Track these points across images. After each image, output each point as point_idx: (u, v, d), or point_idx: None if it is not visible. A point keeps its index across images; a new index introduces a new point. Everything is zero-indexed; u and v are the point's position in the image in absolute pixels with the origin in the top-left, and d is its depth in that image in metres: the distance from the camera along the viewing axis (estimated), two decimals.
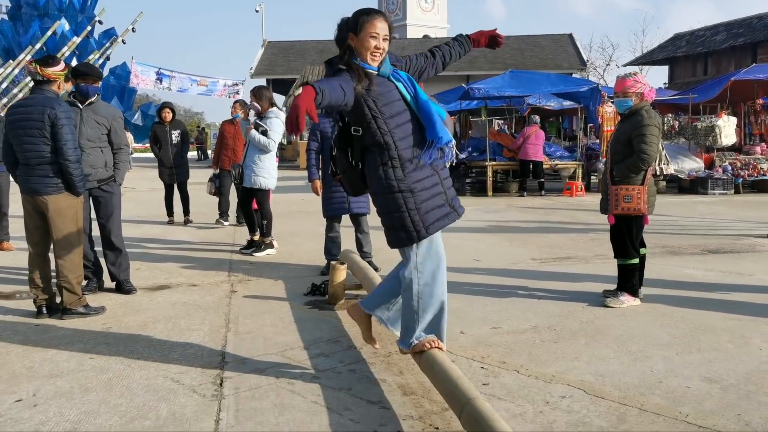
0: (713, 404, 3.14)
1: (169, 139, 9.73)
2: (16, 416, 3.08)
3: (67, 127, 4.65)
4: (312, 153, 6.23)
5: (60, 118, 4.61)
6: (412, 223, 3.15)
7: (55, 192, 4.69)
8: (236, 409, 3.14)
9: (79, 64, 5.68)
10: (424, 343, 3.22)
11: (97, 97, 5.41)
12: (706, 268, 6.29)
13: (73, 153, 4.67)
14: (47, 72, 4.67)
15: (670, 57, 32.93)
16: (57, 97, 4.76)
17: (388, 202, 3.18)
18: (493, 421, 2.40)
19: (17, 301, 5.29)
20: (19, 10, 32.55)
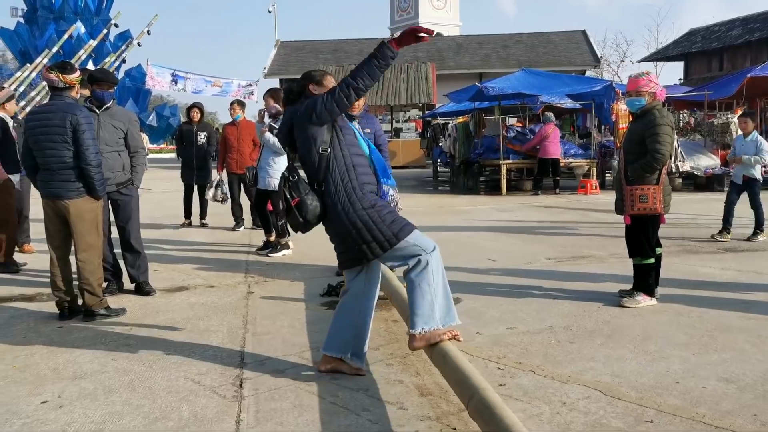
0: (730, 404, 3.15)
1: (194, 140, 9.58)
2: (42, 417, 3.16)
3: (88, 132, 4.73)
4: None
5: (81, 124, 4.69)
6: (381, 232, 3.39)
7: (77, 196, 4.77)
8: (256, 410, 3.19)
9: (95, 70, 5.77)
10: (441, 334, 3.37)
11: (113, 102, 5.49)
12: (722, 267, 6.28)
13: (94, 157, 4.75)
14: (69, 79, 4.76)
15: (685, 53, 32.69)
16: (76, 103, 4.85)
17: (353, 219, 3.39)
18: (501, 411, 2.44)
19: (40, 303, 5.39)
20: (34, 13, 32.88)
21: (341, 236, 3.47)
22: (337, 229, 3.46)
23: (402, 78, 26.83)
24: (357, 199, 3.42)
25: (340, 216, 3.41)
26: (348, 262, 3.54)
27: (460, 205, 12.42)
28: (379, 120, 27.10)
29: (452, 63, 34.36)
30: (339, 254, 3.58)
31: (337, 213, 3.42)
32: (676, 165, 14.09)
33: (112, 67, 27.40)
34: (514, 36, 37.16)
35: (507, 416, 2.42)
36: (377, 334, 4.38)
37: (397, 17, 61.38)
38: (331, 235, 3.58)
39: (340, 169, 3.45)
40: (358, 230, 3.39)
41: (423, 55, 34.55)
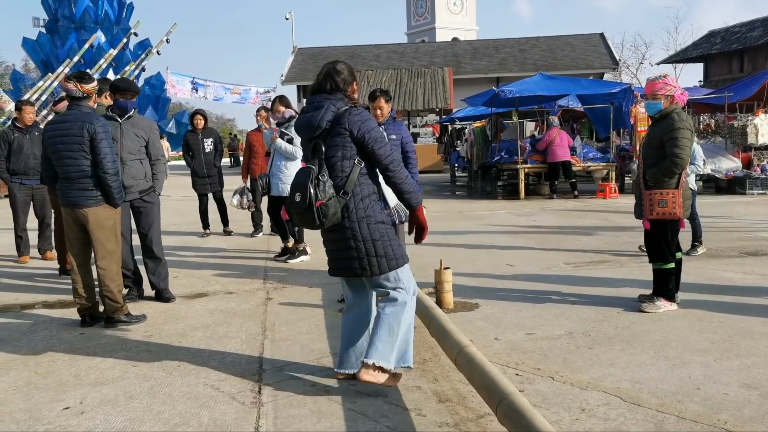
0: (752, 411, 3.11)
1: (201, 148, 9.35)
2: (64, 423, 3.20)
3: (105, 141, 4.78)
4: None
5: (99, 133, 4.75)
6: (392, 250, 3.43)
7: (95, 204, 4.83)
8: (275, 417, 3.20)
9: (118, 80, 5.84)
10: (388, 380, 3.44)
11: (134, 111, 5.57)
12: (744, 271, 6.20)
13: (112, 166, 4.80)
14: (87, 88, 4.83)
15: (705, 54, 32.33)
16: (93, 112, 4.91)
17: (372, 230, 3.40)
18: (531, 415, 2.44)
19: (62, 309, 5.45)
20: (56, 23, 33.35)
21: (351, 246, 3.42)
22: (352, 238, 3.41)
23: (419, 83, 26.85)
24: (378, 212, 3.45)
25: (360, 225, 3.39)
26: (345, 271, 3.51)
27: (478, 209, 12.39)
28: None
29: (469, 67, 34.32)
30: (337, 261, 3.53)
31: (358, 222, 3.40)
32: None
33: (132, 76, 27.73)
34: (531, 39, 37.03)
35: (538, 420, 2.42)
36: None
37: (414, 22, 61.41)
38: (335, 242, 3.50)
39: (370, 181, 3.46)
40: (373, 242, 3.38)
41: (440, 60, 34.57)
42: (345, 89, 3.51)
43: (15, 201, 7.82)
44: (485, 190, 15.58)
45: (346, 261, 3.46)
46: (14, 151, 7.68)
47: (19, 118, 7.84)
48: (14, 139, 7.69)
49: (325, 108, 3.43)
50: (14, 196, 7.82)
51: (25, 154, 7.69)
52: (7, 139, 7.70)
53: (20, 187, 7.78)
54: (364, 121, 3.40)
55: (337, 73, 3.51)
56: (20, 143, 7.70)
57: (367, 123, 3.41)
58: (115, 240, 4.94)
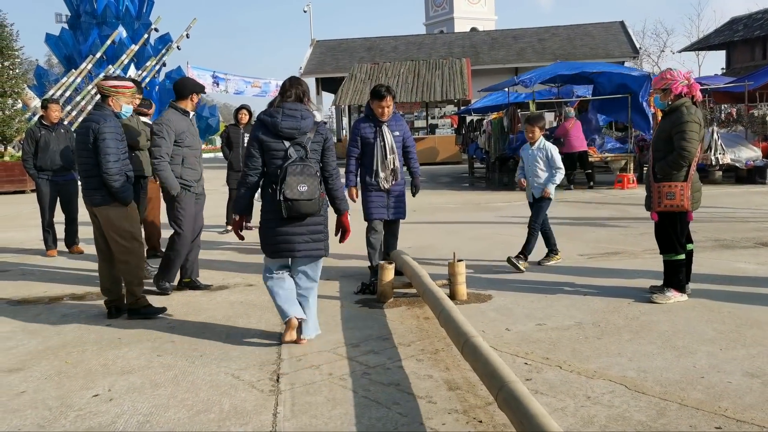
0: (753, 398, 3.21)
1: (241, 142, 9.18)
2: (94, 410, 3.38)
3: (108, 141, 4.86)
4: (353, 159, 6.05)
5: (102, 133, 4.86)
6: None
7: (101, 203, 4.98)
8: (292, 404, 3.36)
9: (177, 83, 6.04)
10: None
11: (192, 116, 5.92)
12: (758, 262, 6.24)
13: (112, 166, 4.86)
14: (102, 84, 5.03)
15: (727, 42, 31.97)
16: (107, 112, 5.01)
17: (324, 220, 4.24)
18: (528, 402, 2.56)
19: (90, 302, 5.67)
20: (78, 19, 33.76)
21: (321, 230, 4.22)
22: (322, 224, 4.22)
23: (437, 74, 26.89)
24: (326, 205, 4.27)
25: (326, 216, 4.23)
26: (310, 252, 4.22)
27: (495, 201, 12.46)
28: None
29: (487, 58, 34.24)
30: (301, 244, 4.17)
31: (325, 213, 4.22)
32: (716, 157, 13.90)
33: (153, 71, 28.02)
34: (550, 29, 36.82)
35: (534, 407, 2.54)
36: (409, 331, 4.53)
37: (432, 13, 61.22)
38: (309, 228, 4.17)
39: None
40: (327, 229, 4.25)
41: (458, 50, 34.53)
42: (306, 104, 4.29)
43: (42, 196, 8.04)
44: (503, 182, 15.63)
45: (314, 243, 4.20)
46: (41, 148, 7.92)
47: (45, 116, 8.07)
48: (41, 136, 7.93)
49: (309, 118, 4.15)
50: (41, 192, 8.05)
51: (51, 150, 7.92)
52: (34, 136, 7.95)
53: (47, 182, 8.00)
54: (331, 137, 4.34)
55: (305, 88, 4.30)
56: (47, 140, 7.93)
57: (331, 141, 4.31)
58: (129, 237, 5.02)
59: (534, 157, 6.48)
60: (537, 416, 2.45)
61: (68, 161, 8.01)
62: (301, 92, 4.20)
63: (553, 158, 6.42)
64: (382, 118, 5.81)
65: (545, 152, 6.47)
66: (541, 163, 6.45)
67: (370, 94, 5.86)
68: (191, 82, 5.91)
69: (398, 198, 6.07)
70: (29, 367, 4.05)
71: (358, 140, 5.99)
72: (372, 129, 5.91)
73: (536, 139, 6.49)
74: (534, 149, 6.52)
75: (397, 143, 5.95)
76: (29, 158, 7.98)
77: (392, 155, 5.87)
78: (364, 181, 6.00)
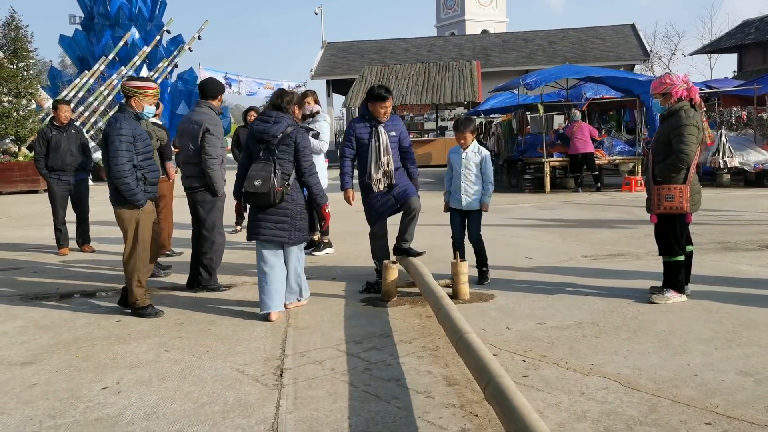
0: (744, 396, 3.28)
1: None
2: (103, 401, 3.50)
3: (116, 143, 4.94)
4: (347, 160, 5.85)
5: (110, 135, 4.97)
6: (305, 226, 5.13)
7: (116, 204, 5.11)
8: (294, 397, 3.46)
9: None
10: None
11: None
12: (760, 264, 6.29)
13: (119, 168, 4.93)
14: (124, 85, 5.15)
15: (739, 45, 31.78)
16: (121, 115, 5.10)
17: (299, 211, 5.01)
18: (513, 395, 2.64)
19: (99, 299, 5.80)
20: (91, 20, 34.03)
21: (286, 221, 4.94)
22: (289, 216, 4.93)
23: (447, 76, 26.96)
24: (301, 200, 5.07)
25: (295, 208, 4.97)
26: (274, 239, 4.94)
27: (503, 203, 12.52)
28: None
29: (498, 60, 34.28)
30: (268, 230, 4.93)
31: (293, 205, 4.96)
32: (725, 161, 13.89)
33: (165, 72, 28.24)
34: (561, 31, 36.80)
35: (518, 400, 2.62)
36: (411, 329, 4.62)
37: (443, 15, 61.22)
38: (275, 217, 4.93)
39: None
40: (299, 221, 5.00)
41: (468, 53, 34.59)
42: (289, 111, 5.05)
43: (53, 196, 8.19)
44: (511, 184, 15.69)
45: (278, 231, 4.92)
46: (52, 149, 8.02)
47: (56, 117, 8.19)
48: (52, 137, 8.04)
49: (282, 123, 4.91)
50: (53, 192, 8.19)
51: (62, 151, 8.03)
52: (46, 137, 8.07)
53: (58, 182, 8.13)
54: (303, 139, 4.97)
55: (286, 96, 5.08)
56: (58, 141, 8.04)
57: (305, 140, 4.97)
58: (134, 240, 5.09)
59: (467, 162, 5.98)
60: (520, 409, 2.54)
61: (79, 161, 8.15)
62: (281, 101, 5.02)
63: (486, 167, 5.97)
64: (383, 119, 5.70)
65: (480, 157, 6.00)
66: (474, 169, 5.97)
67: (368, 95, 5.69)
68: (219, 82, 6.11)
69: (401, 186, 5.77)
70: (41, 361, 4.18)
71: (352, 140, 5.80)
72: (367, 129, 5.72)
73: (469, 144, 6.00)
74: (468, 152, 5.99)
75: (393, 144, 5.74)
76: (41, 158, 8.10)
77: (386, 156, 5.66)
78: (363, 184, 5.81)
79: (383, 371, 3.80)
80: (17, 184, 18.48)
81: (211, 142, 5.71)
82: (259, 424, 3.16)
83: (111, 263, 7.40)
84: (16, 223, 11.73)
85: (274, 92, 5.12)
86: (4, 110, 19.14)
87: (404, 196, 5.76)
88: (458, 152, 6.05)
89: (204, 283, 5.90)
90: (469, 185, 5.95)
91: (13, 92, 19.46)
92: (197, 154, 5.74)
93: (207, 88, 5.97)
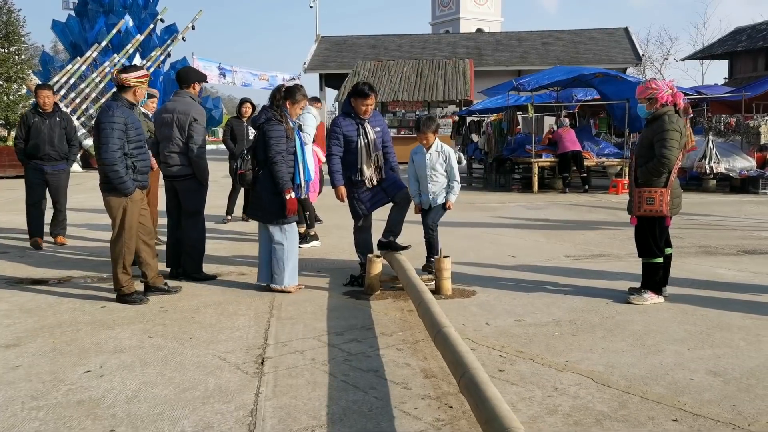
0: (712, 395, 3.37)
1: (245, 135, 9.34)
2: (85, 384, 3.55)
3: (107, 131, 4.98)
4: (335, 158, 5.79)
5: (101, 122, 5.02)
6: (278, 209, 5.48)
7: (105, 191, 5.15)
8: (274, 385, 3.53)
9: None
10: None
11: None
12: (737, 269, 6.40)
13: (109, 156, 4.97)
14: (121, 77, 5.16)
15: (730, 51, 32.10)
16: (113, 103, 5.12)
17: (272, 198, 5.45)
18: (486, 387, 2.73)
19: (86, 284, 5.84)
20: (85, 6, 33.84)
21: (261, 203, 5.47)
22: (263, 198, 5.47)
23: (440, 74, 27.03)
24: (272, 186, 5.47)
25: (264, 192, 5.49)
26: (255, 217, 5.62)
27: (491, 201, 12.63)
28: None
29: (491, 59, 34.36)
30: (253, 209, 5.60)
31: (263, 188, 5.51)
32: (711, 166, 14.06)
33: (158, 61, 28.14)
34: (554, 33, 36.94)
35: (491, 392, 2.70)
36: (392, 322, 4.69)
37: (439, 12, 61.29)
38: (254, 198, 5.58)
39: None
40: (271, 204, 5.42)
41: (462, 51, 34.66)
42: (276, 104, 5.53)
43: (28, 184, 7.83)
44: (499, 183, 15.79)
45: (257, 211, 5.53)
46: (31, 136, 7.62)
47: (39, 102, 7.77)
48: (33, 123, 7.63)
49: (261, 115, 5.55)
50: (28, 179, 7.83)
51: (40, 138, 7.61)
52: (27, 122, 7.66)
53: (34, 171, 7.75)
54: (271, 130, 5.37)
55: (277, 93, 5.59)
56: (38, 128, 7.62)
57: (270, 132, 5.37)
58: (120, 227, 5.13)
59: (432, 163, 6.01)
60: (491, 399, 2.62)
61: (59, 151, 7.78)
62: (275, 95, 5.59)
63: (451, 165, 5.99)
64: (364, 116, 5.73)
65: (445, 156, 6.03)
66: (440, 168, 6.02)
67: (352, 91, 5.73)
68: (193, 71, 6.12)
69: (390, 179, 5.88)
70: (25, 344, 4.22)
71: (340, 138, 5.76)
72: (354, 126, 5.74)
73: (431, 143, 6.01)
74: (431, 152, 6.02)
75: (379, 139, 5.82)
76: (20, 144, 7.69)
77: (376, 152, 5.75)
78: (349, 180, 5.83)
79: (363, 362, 3.87)
80: (6, 168, 18.43)
81: (197, 131, 5.77)
82: (237, 410, 3.22)
83: (99, 250, 7.43)
84: (3, 208, 11.70)
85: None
86: None
87: (395, 188, 5.87)
88: (422, 153, 6.08)
89: (189, 271, 5.94)
90: (435, 185, 6.08)
91: (4, 76, 19.37)
92: (185, 143, 5.77)
93: (188, 76, 6.00)
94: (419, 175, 6.14)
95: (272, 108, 5.50)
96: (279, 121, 5.40)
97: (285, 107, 5.52)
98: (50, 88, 8.10)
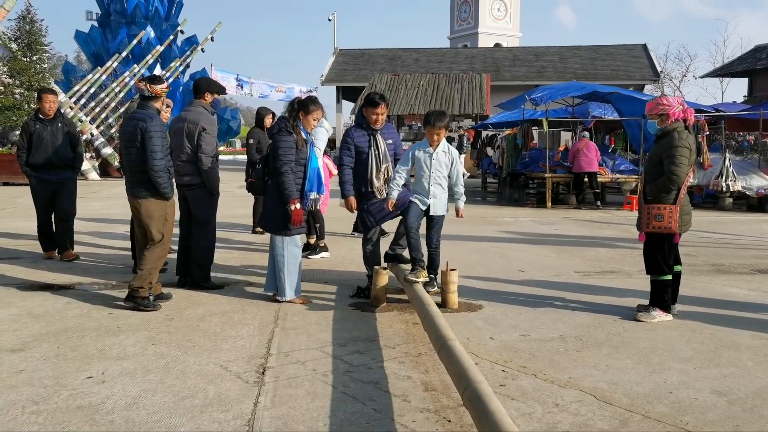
0: (716, 415, 3.32)
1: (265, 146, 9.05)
2: (86, 390, 3.57)
3: (155, 139, 5.18)
4: (346, 168, 5.76)
5: (149, 131, 5.17)
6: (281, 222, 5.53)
7: (145, 197, 5.29)
8: (273, 395, 3.52)
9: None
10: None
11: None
12: (749, 288, 6.32)
13: (158, 163, 5.18)
14: (155, 89, 5.33)
15: (750, 69, 31.80)
16: (153, 112, 5.31)
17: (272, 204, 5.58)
18: (489, 401, 2.70)
19: (95, 291, 5.88)
20: (108, 17, 34.39)
21: (267, 213, 5.59)
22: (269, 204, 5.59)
23: (456, 88, 27.04)
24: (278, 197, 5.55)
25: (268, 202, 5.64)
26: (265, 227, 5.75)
27: (504, 216, 12.58)
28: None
29: (508, 74, 34.35)
30: (262, 219, 5.73)
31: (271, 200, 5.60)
32: (727, 184, 13.92)
33: (177, 72, 28.46)
34: (572, 48, 36.86)
35: (494, 406, 2.68)
36: (396, 334, 4.68)
37: (457, 27, 61.48)
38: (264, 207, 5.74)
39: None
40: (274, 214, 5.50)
41: (479, 66, 34.69)
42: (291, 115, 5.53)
43: (35, 196, 7.43)
44: (513, 197, 15.74)
45: (265, 221, 5.62)
46: (33, 144, 7.20)
47: (40, 108, 7.31)
48: (34, 131, 7.22)
49: (273, 127, 5.82)
50: (34, 191, 7.39)
51: (43, 147, 7.21)
52: (28, 130, 7.25)
53: (39, 182, 7.33)
54: (280, 140, 5.40)
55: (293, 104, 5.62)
56: (39, 135, 7.22)
57: (279, 142, 5.39)
58: (163, 230, 5.35)
59: (438, 164, 5.51)
60: (495, 413, 2.60)
61: (64, 159, 7.37)
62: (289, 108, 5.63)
63: (456, 169, 5.57)
64: (375, 125, 5.73)
65: (451, 158, 5.57)
66: (444, 171, 5.54)
67: (364, 101, 5.76)
68: (206, 81, 6.18)
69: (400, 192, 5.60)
70: (30, 348, 4.26)
71: (352, 149, 5.74)
72: (366, 137, 5.73)
73: (441, 140, 5.51)
74: (438, 151, 5.52)
75: (390, 152, 5.82)
76: (22, 153, 7.27)
77: (386, 164, 5.72)
78: (359, 192, 5.81)
79: (364, 374, 3.86)
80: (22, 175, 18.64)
81: (207, 141, 5.81)
82: (235, 419, 3.22)
83: (109, 258, 7.49)
84: (18, 214, 11.86)
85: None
86: (16, 102, 19.35)
87: (405, 202, 5.74)
88: (427, 151, 5.51)
89: (197, 280, 5.96)
90: (438, 189, 5.55)
91: (26, 85, 19.69)
92: (194, 152, 5.82)
93: (200, 87, 6.07)
94: (419, 174, 5.58)
95: (286, 118, 5.56)
96: (289, 132, 5.42)
97: (298, 118, 5.52)
98: (54, 92, 7.67)
